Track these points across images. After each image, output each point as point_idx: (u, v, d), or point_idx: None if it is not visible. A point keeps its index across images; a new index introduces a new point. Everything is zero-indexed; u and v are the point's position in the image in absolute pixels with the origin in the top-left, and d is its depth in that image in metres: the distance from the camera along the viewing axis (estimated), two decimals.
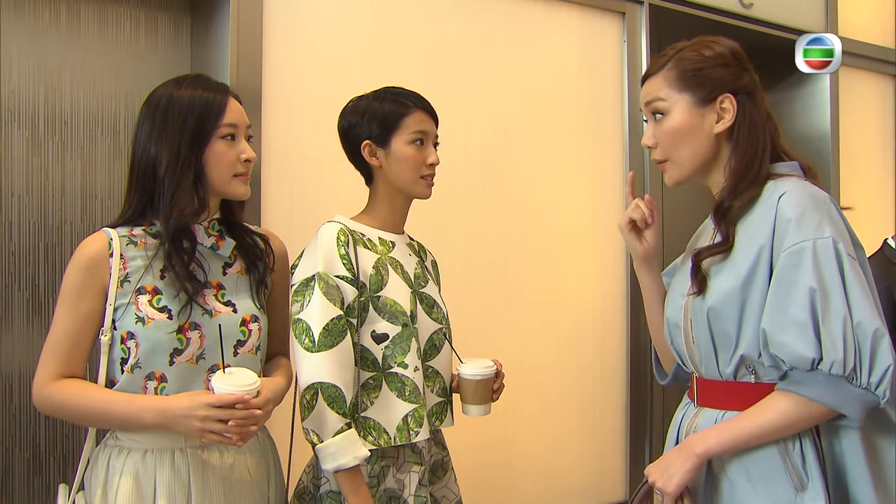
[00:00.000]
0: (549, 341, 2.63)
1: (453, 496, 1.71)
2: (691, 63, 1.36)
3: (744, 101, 1.35)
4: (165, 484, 1.36)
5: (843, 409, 1.21)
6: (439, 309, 1.67)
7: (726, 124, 1.35)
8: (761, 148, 1.34)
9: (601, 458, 2.75)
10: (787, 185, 1.29)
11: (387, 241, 1.63)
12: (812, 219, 1.24)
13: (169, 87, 1.43)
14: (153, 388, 1.38)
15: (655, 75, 1.39)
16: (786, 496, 1.26)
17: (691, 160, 1.38)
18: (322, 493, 1.54)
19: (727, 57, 1.36)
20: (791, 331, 1.21)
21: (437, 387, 1.63)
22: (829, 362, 1.18)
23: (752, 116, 1.35)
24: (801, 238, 1.22)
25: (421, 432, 1.53)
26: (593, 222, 2.74)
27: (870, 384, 1.18)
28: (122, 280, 1.38)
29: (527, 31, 2.60)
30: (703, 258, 1.35)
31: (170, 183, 1.38)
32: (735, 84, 1.35)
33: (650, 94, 1.40)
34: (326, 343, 1.45)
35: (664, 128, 1.37)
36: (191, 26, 2.24)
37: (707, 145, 1.37)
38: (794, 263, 1.22)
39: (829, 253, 1.21)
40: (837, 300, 1.19)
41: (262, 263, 1.53)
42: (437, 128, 1.65)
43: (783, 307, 1.22)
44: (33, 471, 2.00)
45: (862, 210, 3.41)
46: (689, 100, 1.35)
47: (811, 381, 1.22)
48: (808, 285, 1.20)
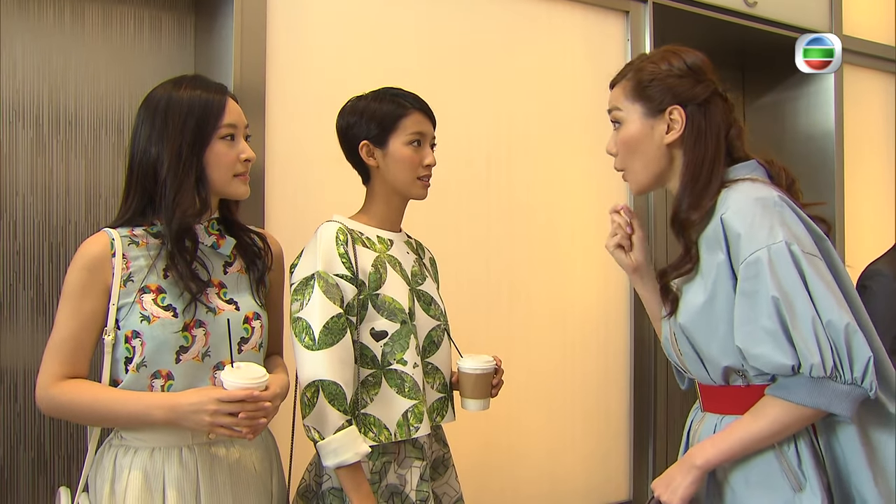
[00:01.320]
0: (553, 344, 2.63)
1: (454, 493, 1.72)
2: (646, 75, 1.40)
3: (693, 112, 1.37)
4: (175, 480, 1.37)
5: (832, 408, 1.22)
6: (437, 306, 1.68)
7: (675, 135, 1.38)
8: (710, 157, 1.36)
9: (605, 461, 2.75)
10: (733, 196, 1.31)
11: (385, 240, 1.64)
12: (762, 226, 1.25)
13: (167, 88, 1.44)
14: (160, 387, 1.38)
15: (617, 84, 1.45)
16: (784, 497, 1.28)
17: (644, 169, 1.42)
18: (324, 490, 1.55)
19: (682, 69, 1.39)
20: (764, 341, 1.22)
21: (437, 383, 1.65)
22: (808, 366, 1.19)
23: (700, 127, 1.37)
24: (755, 248, 1.24)
25: (421, 428, 1.55)
26: (597, 223, 2.74)
27: (854, 379, 1.19)
28: (126, 280, 1.38)
29: (530, 30, 2.59)
30: (669, 278, 1.38)
31: (172, 184, 1.38)
32: (685, 95, 1.37)
33: (611, 103, 1.45)
34: (327, 341, 1.47)
35: (620, 137, 1.42)
36: (194, 26, 2.24)
37: (658, 155, 1.40)
38: (752, 274, 1.23)
39: (785, 257, 1.22)
40: (802, 303, 1.21)
41: (260, 262, 1.55)
42: (434, 129, 1.66)
43: (751, 319, 1.24)
44: (38, 470, 2.00)
45: (865, 209, 3.40)
46: (641, 110, 1.40)
47: (796, 386, 1.23)
48: (770, 294, 1.21)
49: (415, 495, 1.55)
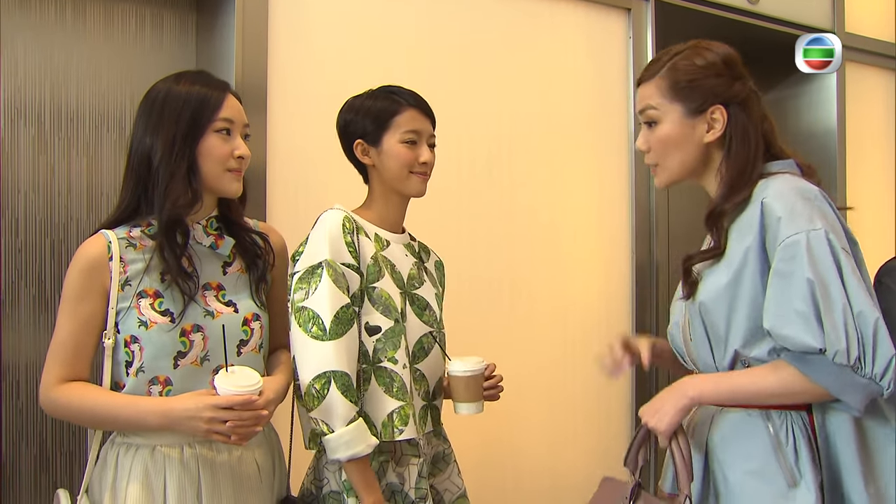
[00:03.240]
0: (555, 341, 2.62)
1: (457, 489, 1.69)
2: (683, 73, 1.38)
3: (734, 110, 1.37)
4: (175, 480, 1.37)
5: (844, 396, 1.23)
6: (432, 312, 1.64)
7: (716, 134, 1.38)
8: (752, 155, 1.37)
9: (605, 456, 2.74)
10: (775, 184, 1.32)
11: (382, 239, 1.61)
12: (802, 213, 1.26)
13: (168, 82, 1.44)
14: (158, 392, 1.38)
15: (649, 82, 1.42)
16: (779, 490, 1.29)
17: (681, 167, 1.42)
18: (324, 495, 1.53)
19: (719, 66, 1.38)
20: (795, 322, 1.23)
21: (421, 391, 1.61)
22: (832, 351, 1.20)
23: (744, 125, 1.37)
24: (795, 231, 1.24)
25: (406, 431, 1.49)
26: (598, 221, 2.73)
27: (874, 375, 1.20)
28: (123, 283, 1.38)
29: (532, 28, 2.59)
30: (694, 262, 1.39)
31: (164, 173, 1.38)
32: (726, 94, 1.37)
33: (643, 101, 1.43)
34: (337, 331, 1.44)
35: (656, 135, 1.41)
36: (196, 24, 2.24)
37: (697, 153, 1.40)
38: (790, 256, 1.24)
39: (823, 244, 1.23)
40: (836, 290, 1.21)
41: (261, 261, 1.53)
42: (433, 127, 1.64)
43: (784, 300, 1.24)
44: (40, 468, 2.00)
45: (868, 206, 3.40)
46: (681, 110, 1.38)
47: (818, 364, 1.24)
48: (806, 276, 1.21)
49: (414, 493, 1.53)
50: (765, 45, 3.22)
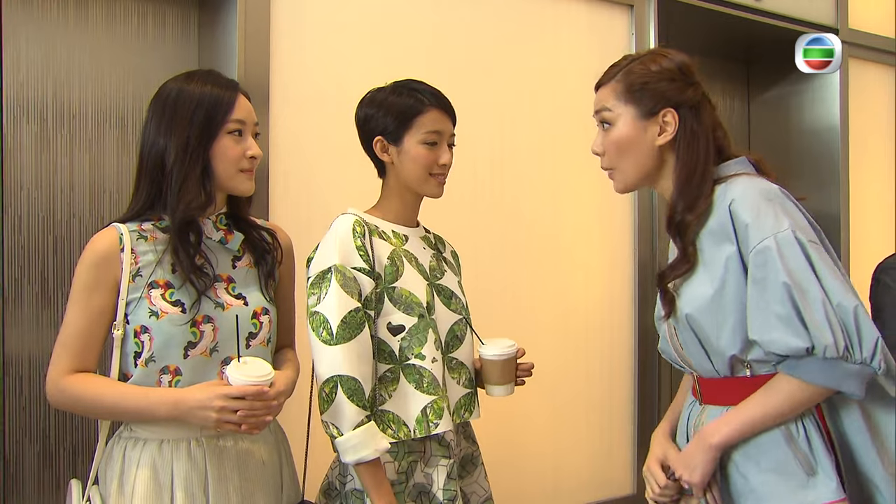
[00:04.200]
0: (558, 342, 2.62)
1: (483, 492, 1.69)
2: (637, 77, 1.41)
3: (685, 114, 1.40)
4: (183, 473, 1.38)
5: (842, 386, 1.26)
6: (458, 300, 1.65)
7: (667, 137, 1.40)
8: (703, 159, 1.39)
9: (609, 456, 2.75)
10: (736, 188, 1.34)
11: (400, 235, 1.62)
12: (767, 215, 1.28)
13: (179, 81, 1.45)
14: (167, 382, 1.39)
15: (605, 85, 1.46)
16: (799, 482, 1.30)
17: (635, 170, 1.44)
18: (348, 491, 1.53)
19: (673, 72, 1.41)
20: (777, 327, 1.25)
21: (462, 378, 1.62)
22: (821, 348, 1.22)
23: (693, 129, 1.40)
24: (763, 236, 1.26)
25: (441, 424, 1.51)
26: (601, 219, 2.73)
27: (864, 359, 1.22)
28: (134, 274, 1.39)
29: (534, 24, 2.59)
30: (668, 280, 1.41)
31: (178, 175, 1.39)
32: (677, 98, 1.39)
33: (599, 103, 1.46)
34: (345, 336, 1.44)
35: (610, 138, 1.44)
36: (198, 20, 2.24)
37: (650, 156, 1.42)
38: (762, 262, 1.26)
39: (792, 244, 1.25)
40: (812, 287, 1.24)
41: (270, 257, 1.54)
42: (454, 126, 1.63)
43: (763, 306, 1.26)
44: (43, 464, 2.01)
45: (870, 203, 3.39)
46: (634, 112, 1.41)
47: (809, 365, 1.26)
48: (782, 280, 1.24)
49: (442, 494, 1.52)
50: (767, 41, 3.21)
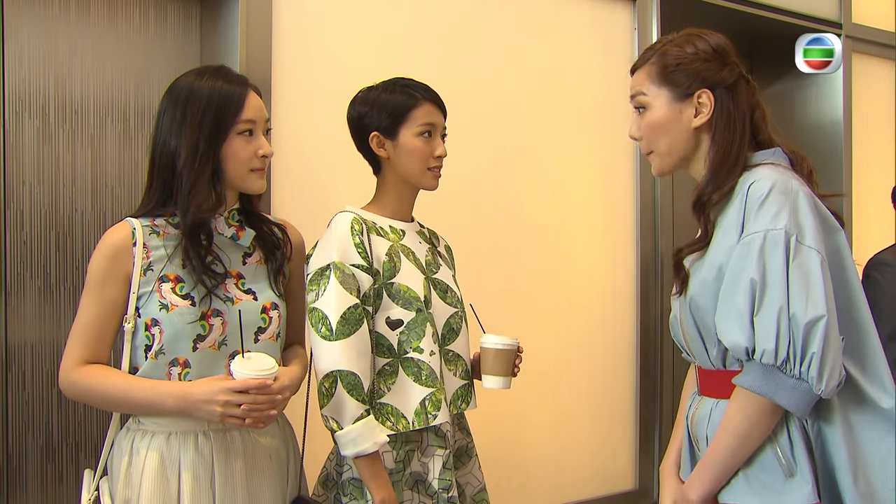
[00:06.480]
0: (560, 338, 2.63)
1: (477, 483, 1.73)
2: (672, 59, 1.40)
3: (721, 95, 1.38)
4: (190, 465, 1.40)
5: (777, 398, 1.24)
6: (453, 293, 1.69)
7: (703, 118, 1.39)
8: (738, 141, 1.37)
9: (611, 451, 2.75)
10: (756, 176, 1.31)
11: (397, 230, 1.65)
12: (770, 209, 1.26)
13: (190, 78, 1.45)
14: (177, 374, 1.41)
15: (640, 69, 1.45)
16: (776, 482, 1.29)
17: (671, 152, 1.43)
18: (344, 481, 1.57)
19: (708, 52, 1.39)
20: (732, 319, 1.25)
21: (459, 370, 1.66)
22: (760, 351, 1.22)
23: (729, 110, 1.38)
24: (755, 229, 1.25)
25: (439, 415, 1.55)
26: (604, 213, 2.73)
27: (801, 373, 1.20)
28: (146, 268, 1.41)
29: (537, 20, 2.58)
30: (683, 255, 1.40)
31: (188, 177, 1.40)
32: (713, 79, 1.38)
33: (634, 87, 1.46)
34: (344, 331, 1.48)
35: (646, 121, 1.43)
36: (200, 15, 2.24)
37: (686, 138, 1.41)
38: (744, 254, 1.26)
39: (778, 244, 1.23)
40: (776, 291, 1.22)
41: (280, 253, 1.56)
42: (445, 119, 1.66)
43: (729, 297, 1.26)
44: (46, 458, 2.01)
45: (873, 198, 3.39)
46: (669, 95, 1.40)
47: (751, 371, 1.26)
48: (751, 276, 1.23)
49: (437, 483, 1.56)
50: (771, 36, 3.21)
